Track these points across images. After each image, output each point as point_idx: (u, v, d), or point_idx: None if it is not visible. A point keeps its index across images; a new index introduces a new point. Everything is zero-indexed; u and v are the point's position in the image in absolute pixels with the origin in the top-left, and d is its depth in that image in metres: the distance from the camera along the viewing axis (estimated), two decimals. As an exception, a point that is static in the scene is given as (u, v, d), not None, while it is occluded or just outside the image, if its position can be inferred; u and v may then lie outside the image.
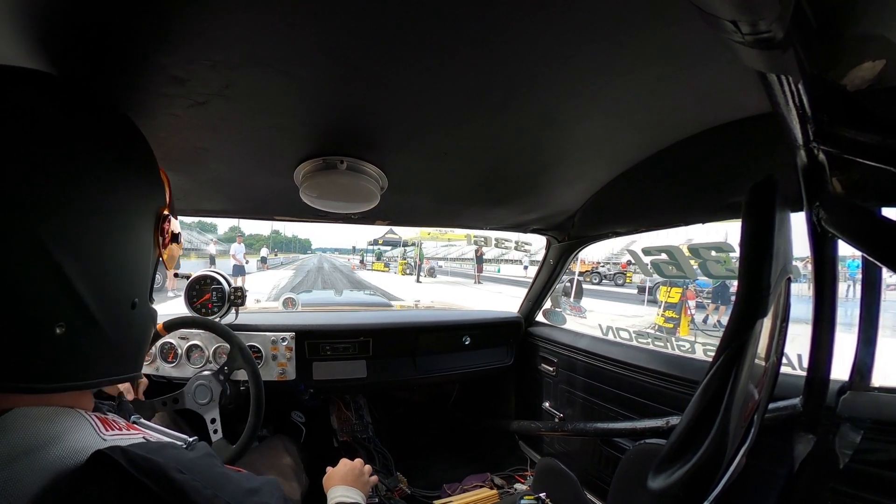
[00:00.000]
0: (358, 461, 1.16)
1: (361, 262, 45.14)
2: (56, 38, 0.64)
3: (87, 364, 0.47)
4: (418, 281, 24.69)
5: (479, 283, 23.61)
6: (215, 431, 1.44)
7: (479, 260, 27.33)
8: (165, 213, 0.58)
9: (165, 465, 0.41)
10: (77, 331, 0.44)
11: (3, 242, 0.39)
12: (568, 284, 2.55)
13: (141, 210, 0.53)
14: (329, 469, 1.14)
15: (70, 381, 0.45)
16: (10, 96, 0.42)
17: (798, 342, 1.09)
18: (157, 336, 1.55)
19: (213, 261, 22.40)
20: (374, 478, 1.17)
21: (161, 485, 0.40)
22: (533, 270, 2.25)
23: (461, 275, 33.13)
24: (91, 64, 0.69)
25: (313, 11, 0.59)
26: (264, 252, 39.23)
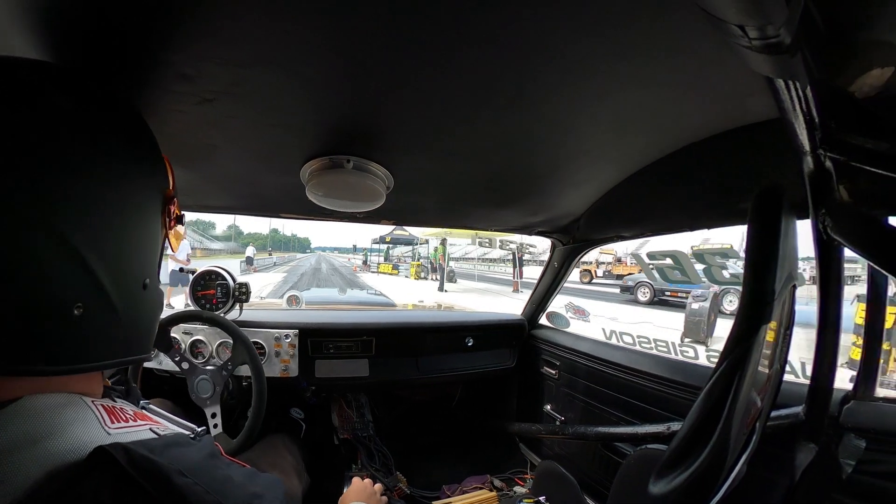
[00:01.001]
0: (369, 481, 1.23)
1: (365, 262, 39.31)
2: (64, 34, 0.65)
3: (101, 345, 0.48)
4: (442, 289, 18.87)
5: (518, 290, 18.44)
6: (215, 426, 1.45)
7: (520, 262, 20.62)
8: (171, 193, 0.60)
9: (168, 469, 0.40)
10: (94, 312, 0.45)
11: (26, 232, 0.40)
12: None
13: (150, 193, 0.55)
14: (346, 491, 1.19)
15: (84, 363, 0.46)
16: (24, 87, 0.43)
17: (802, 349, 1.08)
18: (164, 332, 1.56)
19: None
20: (385, 498, 1.23)
21: (160, 489, 0.39)
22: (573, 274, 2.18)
23: (487, 279, 28.26)
24: (101, 60, 0.70)
25: (323, 11, 0.59)
26: (250, 251, 31.60)
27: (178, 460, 0.43)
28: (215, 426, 1.45)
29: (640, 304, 13.50)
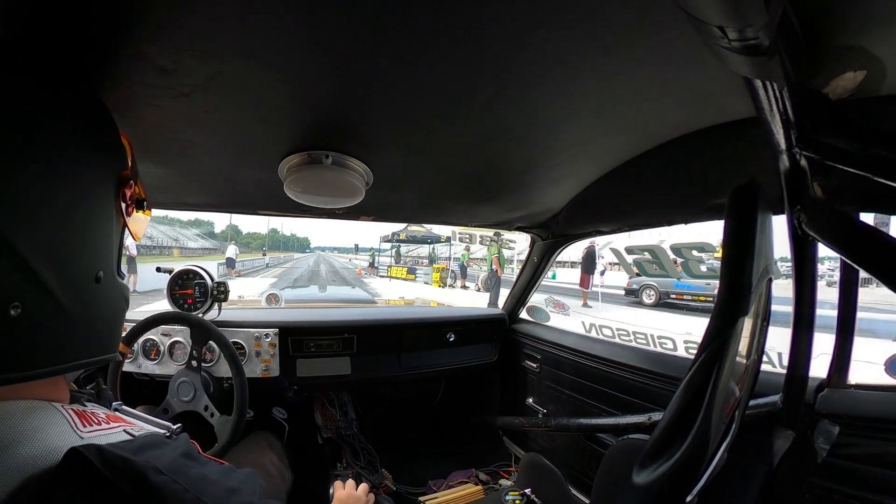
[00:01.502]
0: (352, 483, 1.24)
1: (372, 265, 32.20)
2: (28, 24, 0.62)
3: (52, 348, 0.43)
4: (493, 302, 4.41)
5: (587, 304, 11.81)
6: (212, 415, 1.42)
7: (591, 262, 12.22)
8: (126, 175, 0.54)
9: (144, 468, 0.39)
10: (34, 311, 0.40)
11: None
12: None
13: (98, 176, 0.50)
14: (338, 488, 1.22)
15: (34, 369, 0.42)
16: None
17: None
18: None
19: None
20: (372, 496, 1.23)
21: (137, 488, 0.38)
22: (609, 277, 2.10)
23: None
24: (71, 51, 0.67)
25: (302, 4, 0.58)
26: (231, 251, 23.94)
27: (155, 459, 0.42)
28: (212, 415, 1.42)
29: (645, 307, 12.57)
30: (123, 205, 0.54)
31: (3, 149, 0.39)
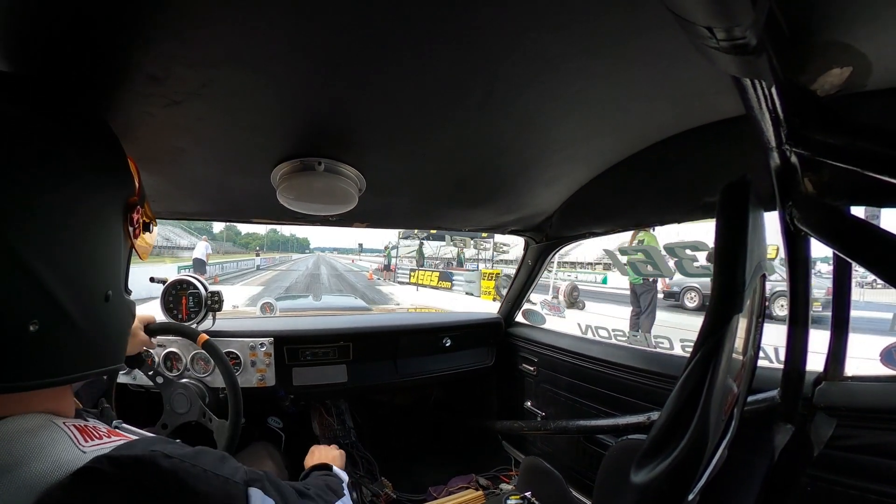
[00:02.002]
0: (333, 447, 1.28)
1: (387, 267, 25.71)
2: (19, 35, 0.62)
3: (64, 359, 0.47)
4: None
5: None
6: (210, 420, 1.41)
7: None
8: (134, 201, 0.58)
9: (153, 456, 0.43)
10: (51, 327, 0.44)
11: None
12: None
13: (108, 203, 0.53)
14: (317, 449, 1.26)
15: (47, 378, 0.45)
16: None
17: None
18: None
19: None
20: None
21: (154, 476, 0.42)
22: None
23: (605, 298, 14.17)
24: (62, 62, 0.67)
25: (292, 9, 0.58)
26: (200, 250, 16.14)
27: (156, 445, 0.46)
28: (210, 420, 1.41)
29: (687, 312, 11.38)
30: (131, 229, 0.58)
31: (18, 178, 0.42)
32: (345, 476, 1.00)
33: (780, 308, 8.35)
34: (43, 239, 0.44)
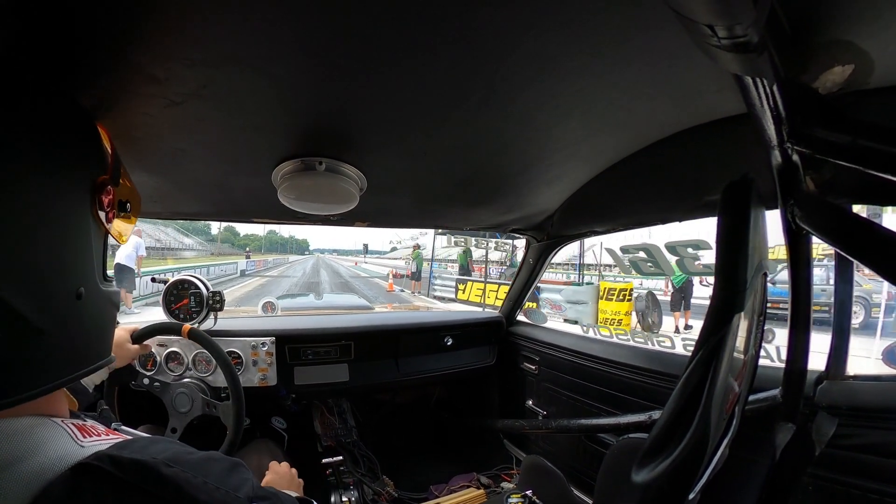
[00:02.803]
0: (286, 465, 1.22)
1: (416, 275, 17.54)
2: (14, 30, 0.61)
3: (39, 372, 0.43)
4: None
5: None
6: (215, 407, 1.43)
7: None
8: (104, 180, 0.51)
9: (154, 463, 0.41)
10: (16, 344, 0.40)
11: None
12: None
13: (67, 190, 0.47)
14: (274, 469, 1.18)
15: (23, 394, 0.41)
16: None
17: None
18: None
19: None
20: (301, 481, 1.23)
21: (155, 483, 0.40)
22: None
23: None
24: (63, 62, 0.67)
25: (292, 9, 0.58)
26: (125, 252, 8.47)
27: (160, 453, 0.44)
28: (215, 408, 1.42)
29: None
30: (102, 213, 0.52)
31: None
32: None
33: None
34: None
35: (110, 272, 0.58)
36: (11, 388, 0.41)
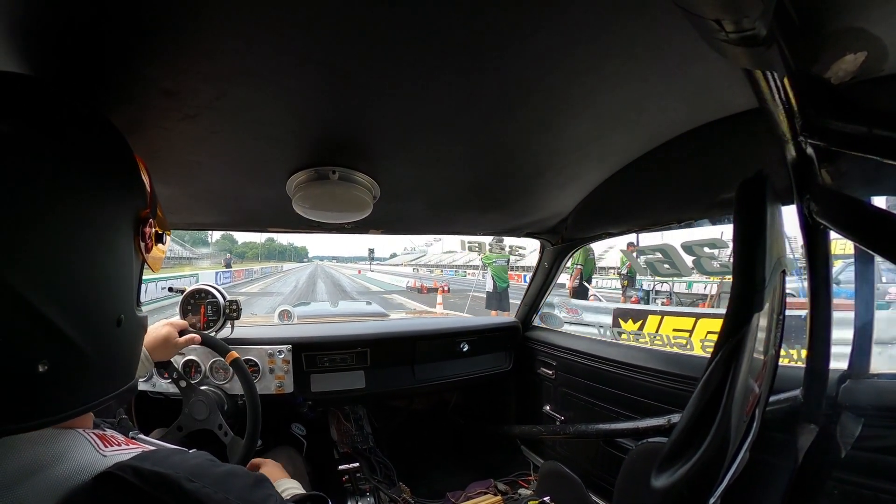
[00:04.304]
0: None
1: (497, 298, 8.78)
2: (39, 46, 0.63)
3: (77, 393, 0.45)
4: None
5: None
6: (226, 434, 1.42)
7: None
8: (146, 214, 0.54)
9: (176, 477, 0.42)
10: (61, 364, 0.42)
11: None
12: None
13: (117, 220, 0.49)
14: (264, 466, 1.17)
15: (60, 413, 0.43)
16: None
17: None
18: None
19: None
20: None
21: (176, 497, 0.41)
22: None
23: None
24: (80, 77, 0.69)
25: (304, 23, 0.59)
26: None
27: (181, 466, 0.44)
28: (226, 434, 1.42)
29: None
30: (143, 244, 0.54)
31: (17, 210, 0.38)
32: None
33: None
34: (44, 272, 0.40)
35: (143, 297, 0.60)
36: (51, 407, 0.43)
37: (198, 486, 0.42)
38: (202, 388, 1.53)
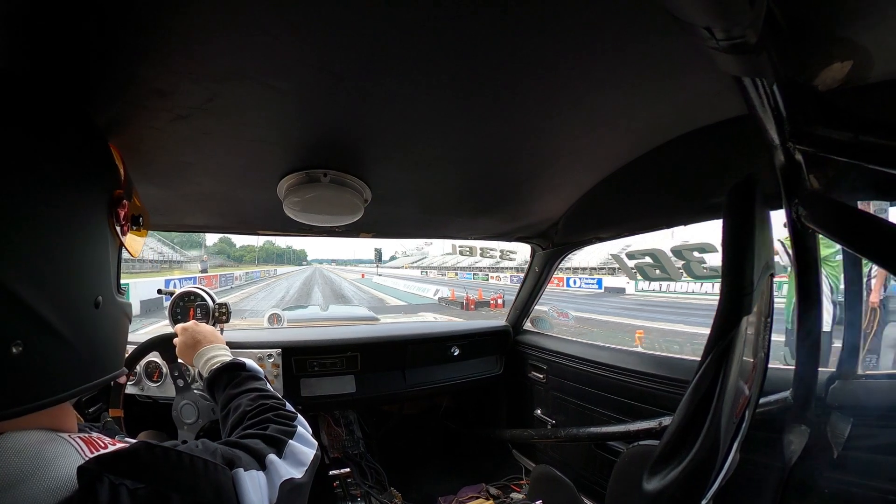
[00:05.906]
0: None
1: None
2: (25, 47, 0.62)
3: (55, 378, 0.44)
4: None
5: None
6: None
7: None
8: (119, 194, 0.54)
9: (165, 446, 0.44)
10: (36, 346, 0.41)
11: None
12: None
13: (89, 201, 0.49)
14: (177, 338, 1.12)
15: (39, 400, 0.42)
16: None
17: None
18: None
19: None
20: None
21: (167, 462, 0.44)
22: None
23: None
24: (70, 76, 0.68)
25: (296, 24, 0.59)
26: None
27: (168, 443, 0.47)
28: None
29: None
30: (118, 226, 0.54)
31: None
32: (260, 371, 0.91)
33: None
34: (17, 252, 0.40)
35: (124, 283, 0.60)
36: (28, 394, 0.41)
37: (190, 447, 0.47)
38: (191, 391, 1.51)
